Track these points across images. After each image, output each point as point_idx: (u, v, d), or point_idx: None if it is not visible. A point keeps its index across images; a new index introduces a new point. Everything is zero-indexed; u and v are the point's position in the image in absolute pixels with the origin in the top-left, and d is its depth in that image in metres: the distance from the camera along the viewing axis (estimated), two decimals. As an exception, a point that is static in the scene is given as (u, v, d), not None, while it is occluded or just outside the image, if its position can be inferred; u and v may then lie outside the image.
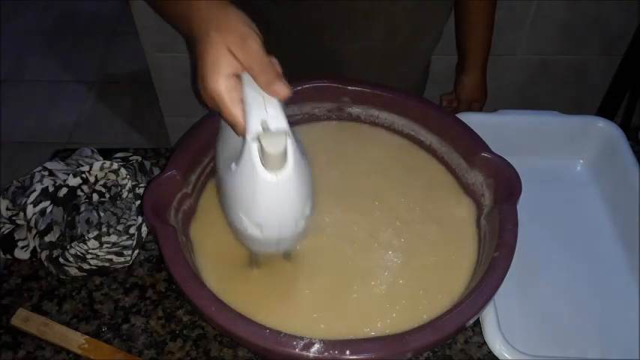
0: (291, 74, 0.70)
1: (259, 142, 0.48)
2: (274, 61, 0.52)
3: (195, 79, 0.52)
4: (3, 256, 0.70)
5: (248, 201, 0.51)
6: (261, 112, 0.49)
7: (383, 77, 0.84)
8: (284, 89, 0.50)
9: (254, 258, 0.61)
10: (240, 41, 0.49)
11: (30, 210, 0.67)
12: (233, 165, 0.51)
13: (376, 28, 0.79)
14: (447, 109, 1.06)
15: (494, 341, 0.61)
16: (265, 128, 0.48)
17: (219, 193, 0.58)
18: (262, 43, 0.50)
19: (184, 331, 0.65)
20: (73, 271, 0.68)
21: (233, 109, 0.49)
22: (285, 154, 0.48)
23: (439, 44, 0.92)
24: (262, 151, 0.48)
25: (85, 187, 0.70)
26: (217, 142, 0.59)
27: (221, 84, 0.49)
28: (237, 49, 0.49)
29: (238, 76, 0.50)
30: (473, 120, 0.70)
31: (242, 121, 0.49)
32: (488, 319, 0.62)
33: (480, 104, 1.04)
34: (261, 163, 0.48)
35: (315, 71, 0.82)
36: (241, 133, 0.50)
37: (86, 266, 0.67)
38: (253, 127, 0.48)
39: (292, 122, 0.73)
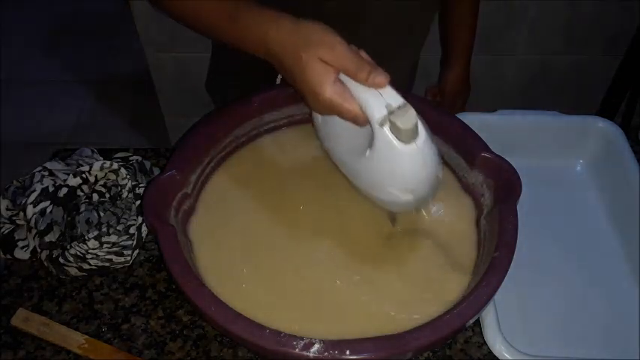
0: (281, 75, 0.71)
1: (390, 122, 0.52)
2: (362, 52, 0.55)
3: (303, 98, 0.57)
4: (3, 256, 0.70)
5: (396, 175, 0.56)
6: (377, 99, 0.53)
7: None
8: (383, 78, 0.53)
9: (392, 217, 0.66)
10: (329, 50, 0.53)
11: (30, 210, 0.67)
12: (367, 152, 0.57)
13: (364, 28, 0.79)
14: (432, 101, 1.06)
15: (494, 341, 0.61)
16: (389, 109, 0.53)
17: (353, 181, 0.64)
18: (346, 42, 0.54)
19: (184, 331, 0.65)
20: (73, 271, 0.68)
21: (350, 107, 0.54)
22: (416, 124, 0.53)
23: (432, 40, 0.92)
24: (396, 129, 0.52)
25: (85, 187, 0.70)
26: (326, 141, 0.66)
27: (331, 92, 0.53)
28: (330, 58, 0.53)
29: (339, 79, 0.54)
30: (473, 120, 0.70)
31: (361, 113, 0.54)
32: (488, 319, 0.62)
33: (463, 98, 1.04)
34: (397, 140, 0.53)
35: None
36: (364, 124, 0.55)
37: (86, 266, 0.67)
38: (378, 113, 0.53)
39: (292, 122, 0.74)
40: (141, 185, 0.72)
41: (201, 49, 1.36)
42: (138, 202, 0.71)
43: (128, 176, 0.71)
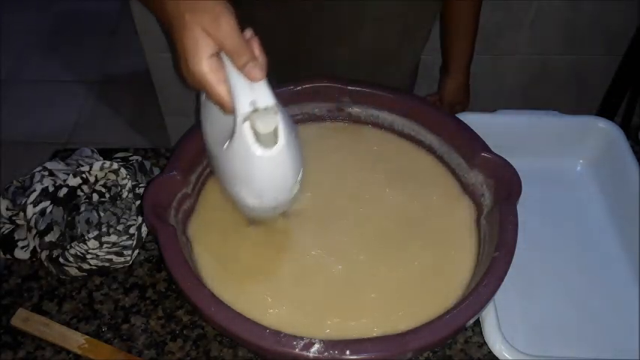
0: (282, 75, 0.71)
1: (250, 121, 0.49)
2: (254, 41, 0.51)
3: (177, 63, 0.52)
4: (3, 256, 0.70)
5: (245, 176, 0.54)
6: (247, 91, 0.50)
7: (372, 76, 0.84)
8: (257, 72, 0.50)
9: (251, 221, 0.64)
10: (214, 21, 0.49)
11: (30, 210, 0.67)
12: (226, 143, 0.53)
13: (364, 32, 0.79)
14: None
15: (495, 341, 0.61)
16: (254, 107, 0.50)
17: (213, 167, 0.60)
18: (236, 22, 0.50)
19: (184, 331, 0.65)
20: (73, 271, 0.68)
21: (219, 90, 0.50)
22: (276, 130, 0.50)
23: (434, 42, 0.92)
24: (254, 129, 0.49)
25: (85, 187, 0.70)
26: (202, 119, 0.60)
27: (204, 65, 0.49)
28: (212, 30, 0.49)
29: (220, 56, 0.51)
30: (473, 120, 0.70)
31: (229, 100, 0.50)
32: (489, 319, 0.62)
33: (462, 107, 1.04)
34: (254, 141, 0.50)
35: (305, 72, 0.82)
36: (229, 112, 0.51)
37: (86, 266, 0.67)
38: (243, 108, 0.50)
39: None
40: (141, 185, 0.72)
41: (201, 49, 1.36)
42: (138, 202, 0.71)
43: (128, 176, 0.71)
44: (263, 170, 0.53)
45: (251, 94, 0.50)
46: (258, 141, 0.50)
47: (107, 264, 0.68)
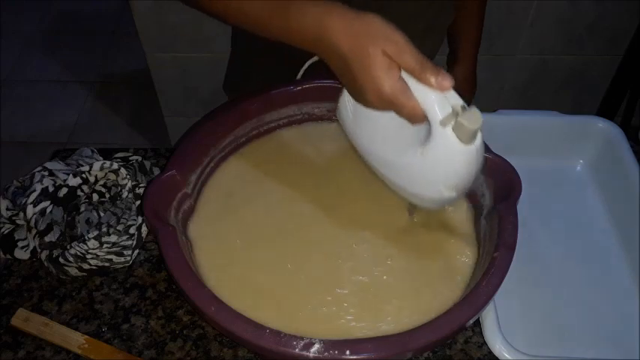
0: (296, 69, 0.70)
1: (457, 122, 0.53)
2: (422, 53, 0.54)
3: (358, 90, 0.55)
4: (3, 256, 0.70)
5: (447, 174, 0.57)
6: (435, 99, 0.53)
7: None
8: (448, 80, 0.52)
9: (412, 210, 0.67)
10: (394, 45, 0.52)
11: (30, 210, 0.67)
12: (417, 151, 0.57)
13: None
14: None
15: (494, 341, 0.61)
16: (453, 109, 0.53)
17: (390, 177, 0.64)
18: (409, 40, 0.53)
19: (184, 331, 0.65)
20: (73, 271, 0.68)
21: (412, 104, 0.53)
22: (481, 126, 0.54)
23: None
24: (461, 129, 0.53)
25: (85, 187, 0.70)
26: (362, 137, 0.64)
27: (394, 88, 0.52)
28: (394, 54, 0.52)
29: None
30: (473, 120, 0.70)
31: (421, 112, 0.53)
32: (488, 319, 0.62)
33: (469, 97, 1.04)
34: (459, 140, 0.53)
35: (325, 67, 0.82)
36: (420, 122, 0.55)
37: (86, 266, 0.67)
38: (441, 114, 0.53)
39: (292, 122, 0.74)
40: (141, 185, 0.72)
41: (201, 49, 1.37)
42: (138, 202, 0.71)
43: (128, 176, 0.71)
44: (467, 164, 0.56)
45: (443, 101, 0.53)
46: (462, 139, 0.53)
47: (107, 264, 0.68)
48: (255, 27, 0.61)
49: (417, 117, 0.54)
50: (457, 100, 0.54)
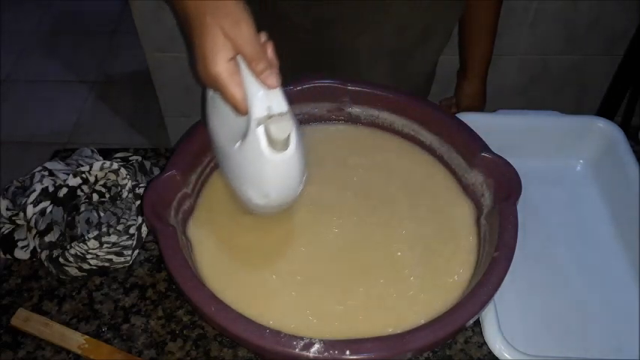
0: (303, 66, 0.70)
1: (265, 126, 0.51)
2: (269, 46, 0.53)
3: (195, 63, 0.53)
4: (3, 256, 0.70)
5: (255, 177, 0.56)
6: (263, 96, 0.51)
7: (393, 74, 0.84)
8: (275, 80, 0.51)
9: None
10: (234, 25, 0.50)
11: (30, 210, 0.67)
12: (237, 143, 0.55)
13: (387, 25, 0.79)
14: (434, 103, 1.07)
15: (494, 341, 0.61)
16: (269, 112, 0.51)
17: (220, 164, 0.62)
18: (255, 28, 0.51)
19: (184, 331, 0.65)
20: (73, 271, 0.68)
21: (235, 92, 0.51)
22: (290, 137, 0.52)
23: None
24: (268, 134, 0.51)
25: (85, 187, 0.70)
26: (210, 115, 0.61)
27: (221, 67, 0.50)
28: (232, 33, 0.50)
29: (236, 60, 0.52)
30: (473, 120, 0.70)
31: (244, 103, 0.51)
32: (488, 319, 0.62)
33: (478, 112, 1.04)
34: (267, 145, 0.52)
35: (327, 64, 0.82)
36: (243, 114, 0.52)
37: (86, 266, 0.67)
38: (258, 113, 0.51)
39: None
40: (141, 185, 0.72)
41: (201, 49, 1.36)
42: (138, 202, 0.71)
43: (128, 176, 0.71)
44: (273, 173, 0.54)
45: (266, 100, 0.51)
46: (270, 145, 0.52)
47: (107, 264, 0.68)
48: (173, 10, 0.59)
49: (239, 107, 0.52)
50: (279, 103, 0.52)
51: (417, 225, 0.66)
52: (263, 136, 0.52)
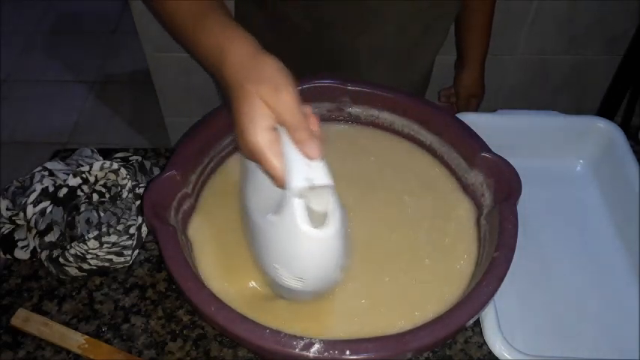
0: (303, 67, 0.71)
1: (304, 198, 0.47)
2: (312, 116, 0.51)
3: (234, 128, 0.51)
4: (3, 256, 0.70)
5: (288, 254, 0.51)
6: (303, 166, 0.48)
7: (393, 74, 0.84)
8: (314, 151, 0.48)
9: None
10: (274, 92, 0.48)
11: (30, 210, 0.67)
12: (270, 215, 0.51)
13: (387, 25, 0.79)
14: (445, 104, 1.07)
15: (494, 341, 0.61)
16: (310, 184, 0.48)
17: (248, 234, 0.58)
18: (297, 94, 0.49)
19: (184, 331, 0.65)
20: (73, 271, 0.68)
21: (274, 163, 0.48)
22: (329, 212, 0.48)
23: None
24: (307, 207, 0.47)
25: (85, 187, 0.70)
26: (244, 180, 0.59)
27: (260, 137, 0.48)
28: (272, 102, 0.48)
29: (276, 129, 0.50)
30: (473, 120, 0.70)
31: (282, 175, 0.48)
32: (488, 319, 0.62)
33: (478, 100, 1.04)
34: (305, 219, 0.48)
35: (327, 64, 0.82)
36: (281, 186, 0.49)
37: (86, 266, 0.67)
38: (297, 184, 0.48)
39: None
40: (141, 185, 0.72)
41: (201, 49, 1.36)
42: (138, 202, 0.71)
43: (128, 176, 0.71)
44: (310, 250, 0.50)
45: (307, 171, 0.48)
46: (309, 219, 0.48)
47: (107, 264, 0.68)
48: (179, 36, 0.58)
49: (277, 177, 0.49)
50: (321, 176, 0.48)
51: (416, 225, 0.66)
52: (301, 208, 0.47)
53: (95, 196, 0.70)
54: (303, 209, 0.47)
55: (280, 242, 0.51)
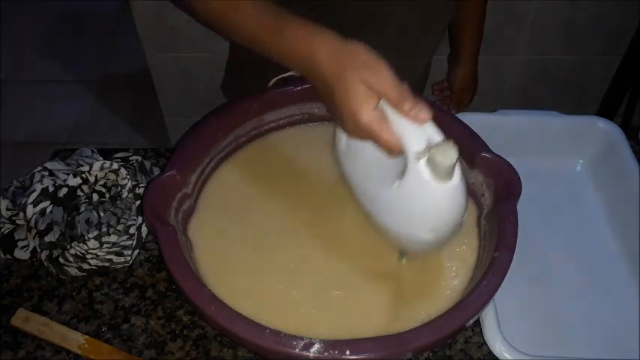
0: None
1: (430, 157, 0.51)
2: (405, 84, 0.53)
3: (339, 116, 0.55)
4: (3, 256, 0.70)
5: (421, 212, 0.55)
6: (417, 131, 0.52)
7: (395, 72, 0.84)
8: (424, 114, 0.52)
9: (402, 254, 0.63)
10: (374, 75, 0.52)
11: (30, 210, 0.67)
12: (395, 184, 0.55)
13: (388, 26, 0.79)
14: (438, 97, 1.07)
15: (494, 341, 0.61)
16: (428, 143, 0.51)
17: (370, 210, 0.61)
18: (392, 71, 0.52)
19: (184, 331, 0.65)
20: (73, 271, 0.68)
21: (389, 136, 0.52)
22: (456, 162, 0.51)
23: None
24: (434, 164, 0.51)
25: (85, 187, 0.70)
26: (350, 167, 0.63)
27: (372, 117, 0.52)
28: (374, 82, 0.52)
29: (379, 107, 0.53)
30: (473, 120, 0.70)
31: (399, 144, 0.52)
32: (488, 319, 0.62)
33: (471, 94, 1.05)
34: (432, 176, 0.51)
35: None
36: (398, 154, 0.53)
37: (86, 266, 0.67)
38: (417, 146, 0.51)
39: (293, 122, 0.74)
40: (141, 185, 0.72)
41: (201, 49, 1.36)
42: (138, 202, 0.71)
43: (128, 176, 0.71)
44: (441, 203, 0.53)
45: (421, 134, 0.52)
46: (435, 176, 0.51)
47: (107, 264, 0.68)
48: (249, 43, 0.61)
49: (393, 149, 0.53)
50: (434, 134, 0.52)
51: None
52: (425, 168, 0.51)
53: (95, 196, 0.70)
54: (428, 168, 0.51)
55: (413, 203, 0.55)
